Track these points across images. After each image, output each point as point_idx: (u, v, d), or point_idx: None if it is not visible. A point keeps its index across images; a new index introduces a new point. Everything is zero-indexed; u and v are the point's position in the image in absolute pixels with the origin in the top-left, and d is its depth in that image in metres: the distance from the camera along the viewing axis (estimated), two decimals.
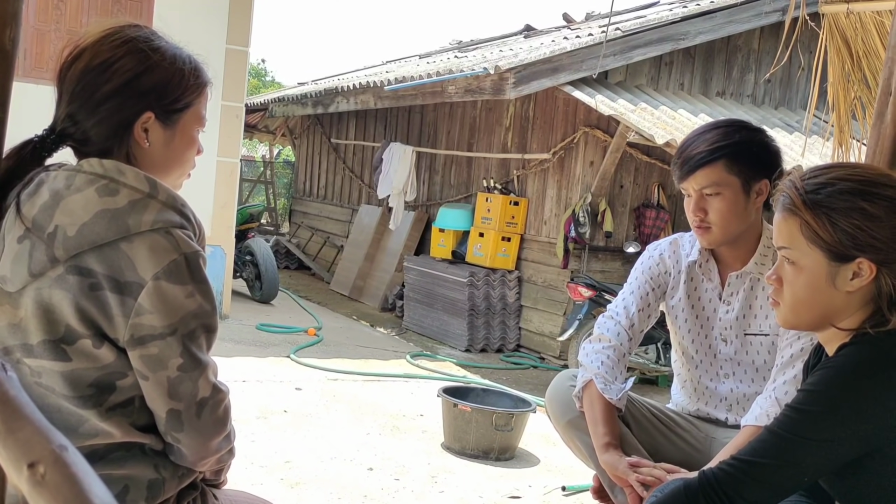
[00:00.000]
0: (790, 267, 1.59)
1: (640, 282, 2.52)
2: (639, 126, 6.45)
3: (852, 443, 1.49)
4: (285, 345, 6.59)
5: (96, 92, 1.41)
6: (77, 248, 1.33)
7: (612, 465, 2.23)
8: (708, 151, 2.26)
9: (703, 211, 2.29)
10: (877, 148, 2.50)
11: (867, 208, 1.50)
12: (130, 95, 1.42)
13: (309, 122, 12.68)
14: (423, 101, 8.28)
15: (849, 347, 1.55)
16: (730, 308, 2.42)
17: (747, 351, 2.41)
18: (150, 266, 1.34)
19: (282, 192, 16.25)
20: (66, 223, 1.34)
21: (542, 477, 4.03)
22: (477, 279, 7.61)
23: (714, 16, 7.47)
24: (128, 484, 1.40)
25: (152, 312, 1.34)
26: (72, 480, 0.74)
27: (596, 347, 2.45)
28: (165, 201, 1.39)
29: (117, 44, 1.42)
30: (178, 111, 1.47)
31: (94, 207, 1.35)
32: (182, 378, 1.38)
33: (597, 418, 2.33)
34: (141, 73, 1.42)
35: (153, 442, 1.43)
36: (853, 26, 3.35)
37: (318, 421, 4.56)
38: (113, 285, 1.33)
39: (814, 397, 1.52)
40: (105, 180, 1.37)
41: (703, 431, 2.48)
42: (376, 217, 10.04)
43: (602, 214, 7.15)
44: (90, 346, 1.35)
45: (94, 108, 1.41)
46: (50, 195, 1.37)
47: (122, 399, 1.40)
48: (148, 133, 1.44)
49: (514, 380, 6.59)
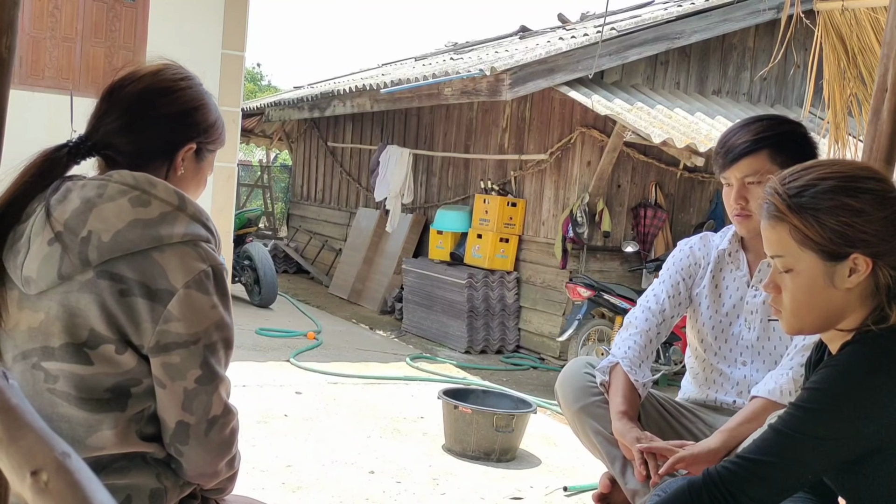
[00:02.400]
0: (786, 274, 1.58)
1: (671, 272, 2.59)
2: (635, 125, 6.45)
3: (857, 440, 1.49)
4: (285, 349, 6.59)
5: (155, 111, 1.51)
6: (111, 254, 1.37)
7: (621, 433, 2.28)
8: (753, 141, 2.31)
9: (744, 199, 2.34)
10: (873, 144, 2.50)
11: (853, 204, 1.50)
12: (184, 123, 1.54)
13: (305, 125, 12.68)
14: (420, 103, 8.29)
15: (852, 345, 1.54)
16: (757, 293, 2.45)
17: (769, 337, 2.44)
18: (181, 276, 1.39)
19: (279, 196, 16.25)
20: (101, 229, 1.38)
21: (543, 477, 4.03)
22: (476, 281, 7.61)
23: (709, 14, 7.48)
24: (130, 493, 1.41)
25: (180, 320, 1.38)
26: (75, 488, 0.74)
27: (623, 335, 2.52)
28: (193, 215, 1.46)
29: (179, 77, 1.56)
30: (210, 151, 1.61)
31: (127, 216, 1.39)
32: (198, 391, 1.42)
33: (618, 391, 2.39)
34: (197, 107, 1.56)
35: (156, 451, 1.45)
36: (848, 23, 3.36)
37: (318, 425, 4.56)
38: (144, 292, 1.37)
39: (818, 395, 1.52)
40: (137, 191, 1.42)
41: (707, 423, 2.49)
42: (374, 220, 10.04)
43: (600, 214, 7.15)
44: (113, 351, 1.38)
45: (146, 126, 1.51)
46: (81, 202, 1.41)
47: (135, 406, 1.42)
48: (184, 162, 1.55)
49: (514, 381, 6.59)
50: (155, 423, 1.45)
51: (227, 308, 1.46)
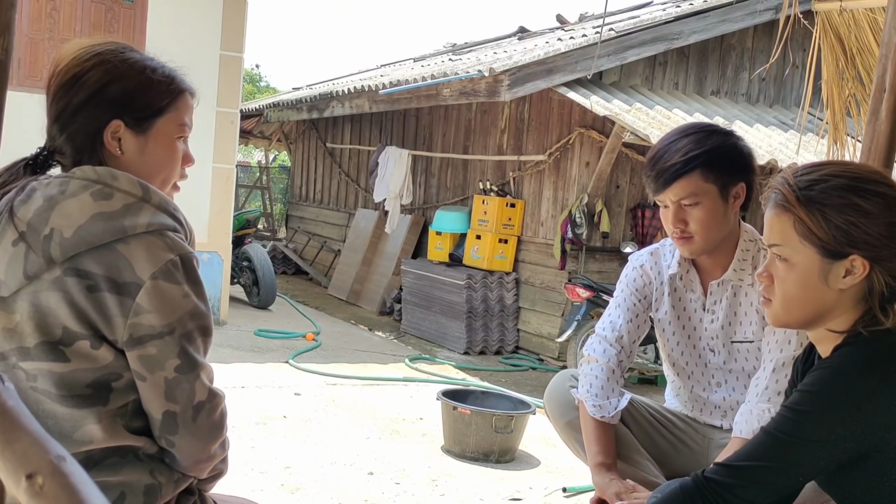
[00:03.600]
0: (781, 264, 1.58)
1: (626, 294, 2.49)
2: (634, 126, 6.45)
3: (849, 443, 1.49)
4: (284, 350, 6.58)
5: (68, 106, 1.45)
6: (74, 249, 1.36)
7: (601, 488, 2.23)
8: (682, 162, 2.21)
9: (682, 222, 2.25)
10: (872, 145, 2.50)
11: (861, 204, 1.50)
12: (98, 105, 1.45)
13: (304, 126, 12.68)
14: (418, 104, 8.28)
15: (844, 348, 1.54)
16: (714, 317, 2.39)
17: (736, 359, 2.39)
18: (148, 266, 1.37)
19: (278, 197, 16.26)
20: (63, 225, 1.37)
21: (542, 478, 4.03)
22: (474, 281, 7.61)
23: (707, 15, 7.48)
24: (124, 490, 1.40)
25: (151, 312, 1.37)
26: (70, 491, 0.74)
27: (585, 370, 2.44)
28: (158, 205, 1.43)
29: (86, 58, 1.46)
30: (149, 118, 1.49)
31: (89, 210, 1.37)
32: (179, 380, 1.40)
33: (589, 438, 2.33)
34: (107, 83, 1.45)
35: (147, 445, 1.44)
36: (846, 24, 3.36)
37: (317, 426, 4.55)
38: (111, 286, 1.36)
39: (810, 398, 1.52)
40: (99, 185, 1.40)
41: (700, 433, 2.48)
42: (373, 221, 10.04)
43: (599, 215, 7.15)
44: (88, 346, 1.37)
45: (68, 122, 1.46)
46: (44, 200, 1.40)
47: (117, 400, 1.41)
48: (120, 142, 1.47)
49: (513, 381, 6.59)
50: (142, 417, 1.44)
51: (200, 296, 1.43)
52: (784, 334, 2.25)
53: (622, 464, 2.32)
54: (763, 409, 2.17)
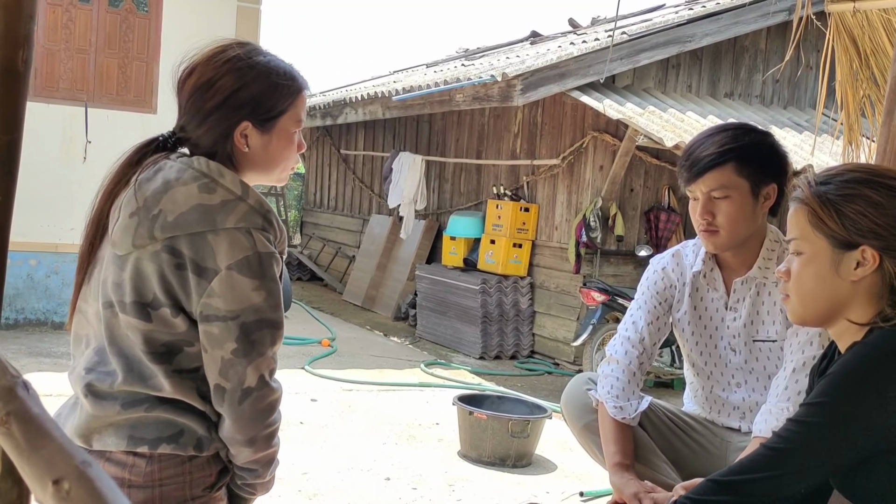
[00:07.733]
0: (797, 258, 1.61)
1: (647, 297, 2.50)
2: (647, 129, 6.44)
3: (860, 444, 1.49)
4: (299, 356, 6.60)
5: (202, 108, 1.62)
6: (172, 232, 1.54)
7: (619, 487, 2.23)
8: (718, 153, 2.22)
9: (710, 214, 2.26)
10: (887, 145, 2.50)
11: (871, 195, 1.53)
12: (230, 109, 1.61)
13: (318, 133, 12.71)
14: (431, 109, 8.30)
15: (857, 346, 1.55)
16: (737, 315, 2.39)
17: (757, 358, 2.39)
18: (227, 258, 1.53)
19: (292, 203, 16.28)
20: (169, 209, 1.55)
21: (559, 483, 4.02)
22: (489, 286, 7.61)
23: (720, 17, 7.46)
24: (184, 429, 1.57)
25: (220, 297, 1.53)
26: (96, 496, 0.75)
27: (605, 370, 2.45)
28: (253, 205, 1.58)
29: (219, 63, 1.63)
30: (273, 118, 1.65)
31: (193, 200, 1.55)
32: (234, 361, 1.54)
33: (608, 438, 2.34)
34: (238, 89, 1.61)
35: (210, 411, 1.59)
36: (860, 24, 3.35)
37: (333, 432, 4.57)
38: (195, 268, 1.54)
39: (818, 410, 1.53)
40: (207, 179, 1.57)
41: (718, 436, 2.47)
42: (387, 226, 10.06)
43: (613, 218, 7.14)
44: (168, 314, 1.55)
45: (202, 122, 1.63)
46: (162, 182, 1.58)
47: (188, 363, 1.58)
48: (247, 139, 1.64)
49: (529, 386, 6.58)
50: None
51: (271, 292, 1.56)
52: (807, 335, 2.24)
53: (639, 466, 2.32)
54: (782, 408, 2.17)
